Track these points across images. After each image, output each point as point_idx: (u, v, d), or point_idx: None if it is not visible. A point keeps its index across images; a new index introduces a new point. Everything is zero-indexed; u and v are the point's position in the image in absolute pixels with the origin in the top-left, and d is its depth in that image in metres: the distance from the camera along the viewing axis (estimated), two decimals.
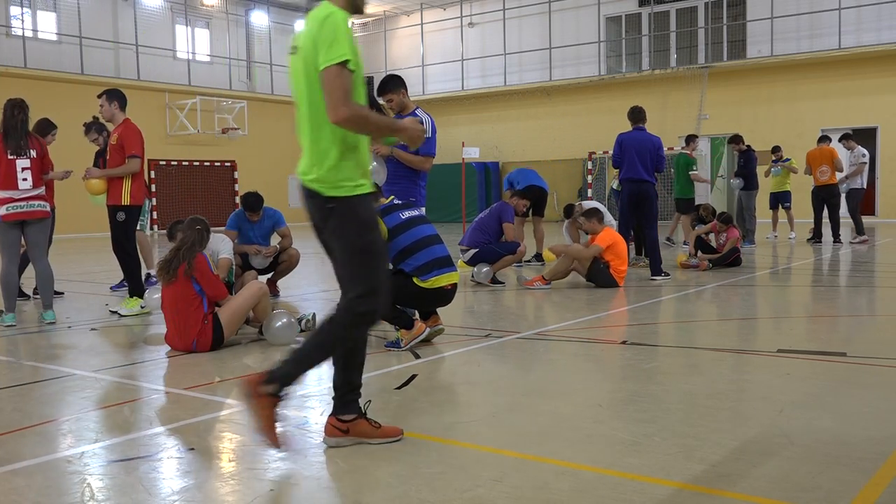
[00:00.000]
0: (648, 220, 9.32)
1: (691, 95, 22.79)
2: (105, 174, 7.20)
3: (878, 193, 21.85)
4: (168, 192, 24.22)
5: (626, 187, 9.38)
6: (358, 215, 3.11)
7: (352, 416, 3.27)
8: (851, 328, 6.35)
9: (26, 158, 6.63)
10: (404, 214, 5.50)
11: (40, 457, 3.27)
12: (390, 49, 29.60)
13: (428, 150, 6.38)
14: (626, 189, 9.40)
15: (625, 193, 9.42)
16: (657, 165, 9.32)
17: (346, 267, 3.15)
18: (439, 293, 5.44)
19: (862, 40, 21.23)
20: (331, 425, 3.29)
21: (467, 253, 9.37)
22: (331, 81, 2.99)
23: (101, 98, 7.34)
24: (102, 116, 7.41)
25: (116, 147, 7.23)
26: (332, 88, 2.98)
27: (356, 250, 3.11)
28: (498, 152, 26.68)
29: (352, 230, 3.10)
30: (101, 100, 7.34)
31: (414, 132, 3.22)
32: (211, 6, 26.03)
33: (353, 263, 3.12)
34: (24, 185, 6.58)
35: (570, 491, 2.79)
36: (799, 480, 2.83)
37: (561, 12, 25.69)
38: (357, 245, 3.10)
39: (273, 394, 3.09)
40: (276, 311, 5.74)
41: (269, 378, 3.11)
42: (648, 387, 4.29)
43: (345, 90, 2.98)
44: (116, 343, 6.08)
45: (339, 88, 2.98)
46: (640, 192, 9.24)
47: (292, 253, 8.35)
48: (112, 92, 7.37)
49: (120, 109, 7.32)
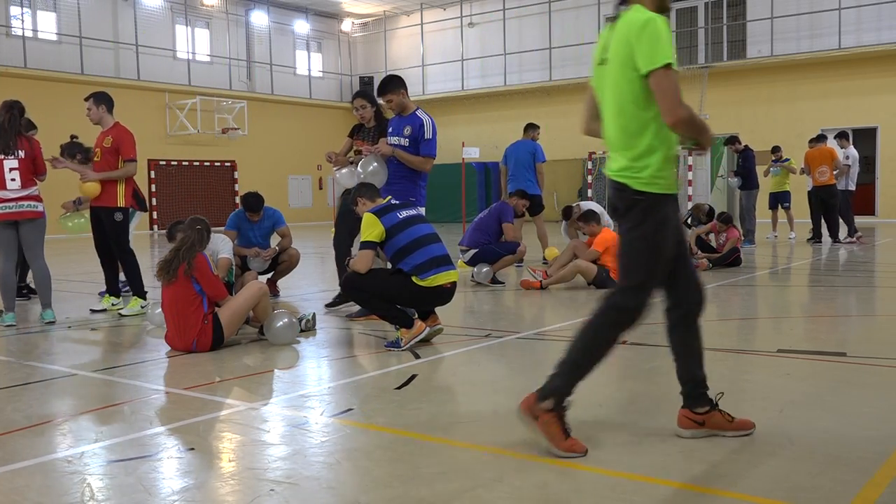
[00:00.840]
0: None
1: (691, 95, 22.76)
2: (103, 177, 7.18)
3: (878, 193, 21.84)
4: (168, 192, 24.22)
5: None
6: (661, 213, 3.18)
7: (705, 408, 3.30)
8: (851, 328, 6.35)
9: (14, 159, 6.62)
10: (402, 214, 5.51)
11: (40, 457, 3.27)
12: (390, 49, 29.60)
13: (428, 151, 6.39)
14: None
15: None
16: None
17: (627, 256, 3.22)
18: (438, 292, 5.44)
19: (862, 40, 21.23)
20: (685, 417, 3.32)
21: (467, 253, 9.37)
22: (663, 85, 3.04)
23: (88, 101, 7.32)
24: (90, 120, 7.38)
25: (110, 150, 7.23)
26: (665, 91, 3.04)
27: (644, 244, 3.17)
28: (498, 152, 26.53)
29: (650, 225, 3.16)
30: (87, 103, 7.32)
31: (709, 138, 3.22)
32: (211, 6, 26.03)
33: (635, 253, 3.19)
34: (12, 185, 6.57)
35: (570, 491, 2.79)
36: (799, 480, 2.83)
37: (561, 12, 25.69)
38: (649, 240, 3.16)
39: (552, 409, 3.15)
40: (278, 311, 5.73)
41: (544, 395, 3.17)
42: (648, 387, 4.30)
43: (677, 92, 3.04)
44: (116, 343, 6.08)
45: (672, 90, 3.03)
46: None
47: (292, 253, 8.35)
48: (99, 95, 7.35)
49: (108, 112, 7.32)
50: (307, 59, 29.31)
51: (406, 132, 6.36)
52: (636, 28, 3.07)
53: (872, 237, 15.81)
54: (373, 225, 5.40)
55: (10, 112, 6.70)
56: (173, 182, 24.49)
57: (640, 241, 3.18)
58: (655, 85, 3.04)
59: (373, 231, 5.38)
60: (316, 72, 29.58)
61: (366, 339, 5.92)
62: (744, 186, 14.16)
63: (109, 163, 7.23)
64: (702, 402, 3.32)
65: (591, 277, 8.40)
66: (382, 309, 5.49)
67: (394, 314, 5.46)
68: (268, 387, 4.61)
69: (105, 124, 7.33)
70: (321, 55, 29.89)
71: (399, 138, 6.38)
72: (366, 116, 7.01)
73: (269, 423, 3.76)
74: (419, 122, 6.35)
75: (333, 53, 30.12)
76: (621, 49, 3.12)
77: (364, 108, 6.98)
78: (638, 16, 3.09)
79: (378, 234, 5.38)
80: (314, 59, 29.68)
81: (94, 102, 7.28)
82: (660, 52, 3.02)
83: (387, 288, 5.44)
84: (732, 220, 10.92)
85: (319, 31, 29.61)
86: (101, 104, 7.28)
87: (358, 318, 6.61)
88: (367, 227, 5.41)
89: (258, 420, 3.80)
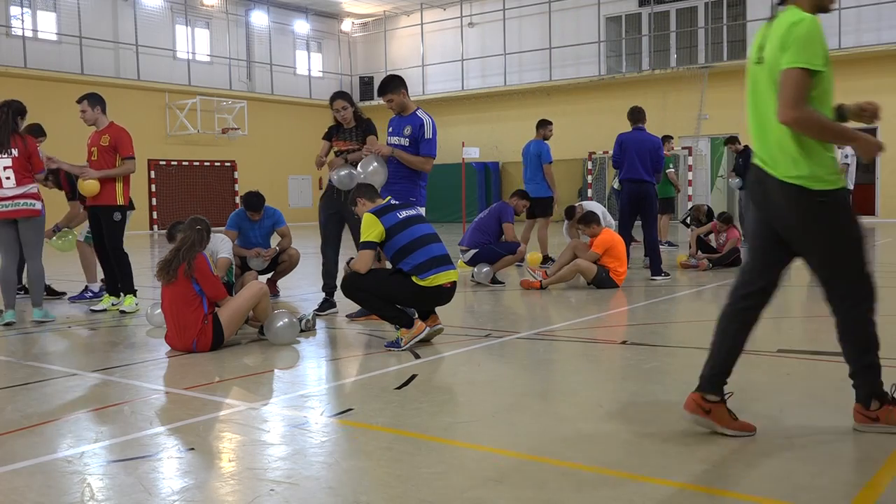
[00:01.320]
0: (648, 221, 9.35)
1: (691, 95, 22.79)
2: (103, 175, 7.21)
3: (878, 193, 21.83)
4: (168, 192, 24.22)
5: (626, 187, 9.42)
6: (847, 206, 3.22)
7: (716, 398, 3.35)
8: None
9: (7, 157, 6.63)
10: (401, 214, 5.51)
11: (40, 457, 3.27)
12: (390, 49, 29.60)
13: (428, 151, 6.38)
14: (625, 189, 9.44)
15: (624, 194, 9.46)
16: (655, 166, 9.37)
17: (842, 256, 3.23)
18: (438, 291, 5.44)
19: (862, 40, 21.23)
20: (694, 402, 3.35)
21: (467, 253, 9.37)
22: (786, 82, 3.07)
23: (83, 103, 7.33)
24: (85, 121, 7.38)
25: (108, 149, 7.27)
26: (784, 88, 3.07)
27: (850, 238, 3.22)
28: (498, 152, 26.67)
29: (845, 220, 3.20)
30: (82, 105, 7.33)
31: (869, 145, 3.18)
32: (211, 6, 26.04)
33: (849, 251, 3.23)
34: (7, 183, 6.60)
35: (570, 491, 2.79)
36: (799, 480, 2.83)
37: (561, 12, 25.69)
38: (852, 233, 3.21)
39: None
40: (278, 311, 5.73)
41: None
42: (648, 387, 4.29)
43: (798, 93, 3.06)
44: (116, 343, 6.08)
45: (792, 89, 3.06)
46: (639, 192, 9.29)
47: (292, 253, 8.36)
48: (93, 96, 7.38)
49: (102, 112, 7.37)
50: (307, 59, 29.32)
51: (406, 132, 6.36)
52: (786, 28, 3.12)
53: (872, 237, 15.82)
54: (373, 225, 5.40)
55: (2, 110, 6.71)
56: (173, 182, 24.49)
57: (839, 237, 3.20)
58: (782, 80, 3.09)
59: (373, 231, 5.38)
60: (316, 72, 29.59)
61: (366, 339, 5.92)
62: (744, 186, 14.15)
63: (108, 161, 7.26)
64: (715, 391, 3.35)
65: (590, 277, 8.40)
66: (382, 309, 5.49)
67: (394, 314, 5.46)
68: (268, 387, 4.61)
69: (100, 125, 7.37)
70: (321, 55, 29.90)
71: (399, 138, 6.38)
72: (346, 118, 6.99)
73: (269, 423, 3.76)
74: (419, 122, 6.35)
75: (333, 53, 30.13)
76: (776, 50, 3.16)
77: (345, 110, 6.96)
78: (791, 17, 3.15)
79: (378, 234, 5.38)
80: (314, 59, 29.69)
81: (88, 104, 7.30)
82: (801, 54, 3.06)
83: (386, 288, 5.44)
84: (732, 219, 10.92)
85: (319, 31, 29.61)
86: (95, 105, 7.32)
87: (358, 318, 6.61)
88: (367, 227, 5.41)
89: (258, 420, 3.80)
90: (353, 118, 6.99)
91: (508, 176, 26.68)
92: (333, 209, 6.99)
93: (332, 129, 7.14)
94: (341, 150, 6.98)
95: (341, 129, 7.06)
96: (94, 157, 7.29)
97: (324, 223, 7.11)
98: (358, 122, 7.01)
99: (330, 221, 7.05)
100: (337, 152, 7.01)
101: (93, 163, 7.31)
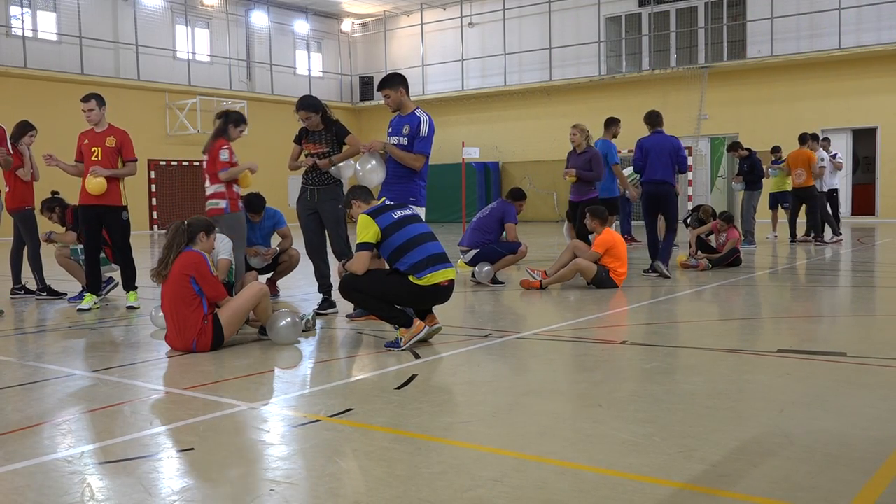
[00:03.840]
0: (669, 221, 9.55)
1: (691, 95, 22.79)
2: (111, 174, 7.34)
3: (878, 193, 21.84)
4: (168, 192, 24.21)
5: (645, 189, 9.49)
6: None
7: None
8: (851, 328, 6.35)
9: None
10: (396, 214, 5.51)
11: (40, 457, 3.27)
12: (390, 49, 29.60)
13: (422, 148, 6.37)
14: (645, 191, 9.53)
15: (644, 196, 9.55)
16: (679, 167, 9.45)
17: None
18: (436, 290, 5.44)
19: (862, 40, 21.23)
20: None
21: (468, 254, 9.36)
22: None
23: (90, 102, 7.38)
24: (91, 121, 7.41)
25: (113, 150, 7.40)
26: None
27: None
28: (498, 152, 26.68)
29: None
30: (89, 104, 7.37)
31: None
32: (211, 6, 26.03)
33: None
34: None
35: (570, 491, 2.79)
36: (799, 480, 2.83)
37: (561, 12, 25.70)
38: None
39: None
40: (280, 311, 5.73)
41: None
42: (648, 387, 4.29)
43: None
44: (116, 343, 6.08)
45: None
46: (658, 193, 9.38)
47: (292, 253, 8.36)
48: (100, 97, 7.48)
49: (104, 114, 7.48)
50: (307, 59, 29.31)
51: (405, 131, 6.37)
52: None
53: (872, 237, 15.82)
54: (368, 226, 5.40)
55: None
56: (173, 182, 24.48)
57: None
58: None
59: (368, 232, 5.39)
60: (316, 72, 29.58)
61: (365, 339, 5.92)
62: (748, 187, 14.18)
63: (112, 162, 7.42)
64: None
65: (590, 277, 8.40)
66: (381, 309, 5.49)
67: (392, 314, 5.46)
68: (268, 387, 4.61)
69: (101, 125, 7.48)
70: (321, 55, 29.89)
71: (398, 137, 6.39)
72: (312, 124, 7.02)
73: (269, 423, 3.76)
74: (417, 121, 6.36)
75: (333, 53, 30.12)
76: None
77: (309, 120, 7.00)
78: None
79: (373, 235, 5.39)
80: (314, 59, 29.68)
81: (97, 103, 7.39)
82: None
83: (384, 288, 5.43)
84: (734, 219, 10.92)
85: (319, 31, 29.60)
86: (103, 105, 7.44)
87: (357, 319, 6.61)
88: (363, 228, 5.42)
89: (258, 420, 3.80)
90: (320, 122, 7.01)
91: (508, 176, 26.68)
92: (311, 209, 7.03)
93: (302, 131, 7.19)
94: (311, 152, 7.04)
95: (310, 132, 7.09)
96: (97, 157, 7.33)
97: (304, 227, 7.12)
98: (327, 124, 7.03)
99: (310, 223, 7.07)
100: (307, 154, 7.09)
101: (94, 163, 7.33)
